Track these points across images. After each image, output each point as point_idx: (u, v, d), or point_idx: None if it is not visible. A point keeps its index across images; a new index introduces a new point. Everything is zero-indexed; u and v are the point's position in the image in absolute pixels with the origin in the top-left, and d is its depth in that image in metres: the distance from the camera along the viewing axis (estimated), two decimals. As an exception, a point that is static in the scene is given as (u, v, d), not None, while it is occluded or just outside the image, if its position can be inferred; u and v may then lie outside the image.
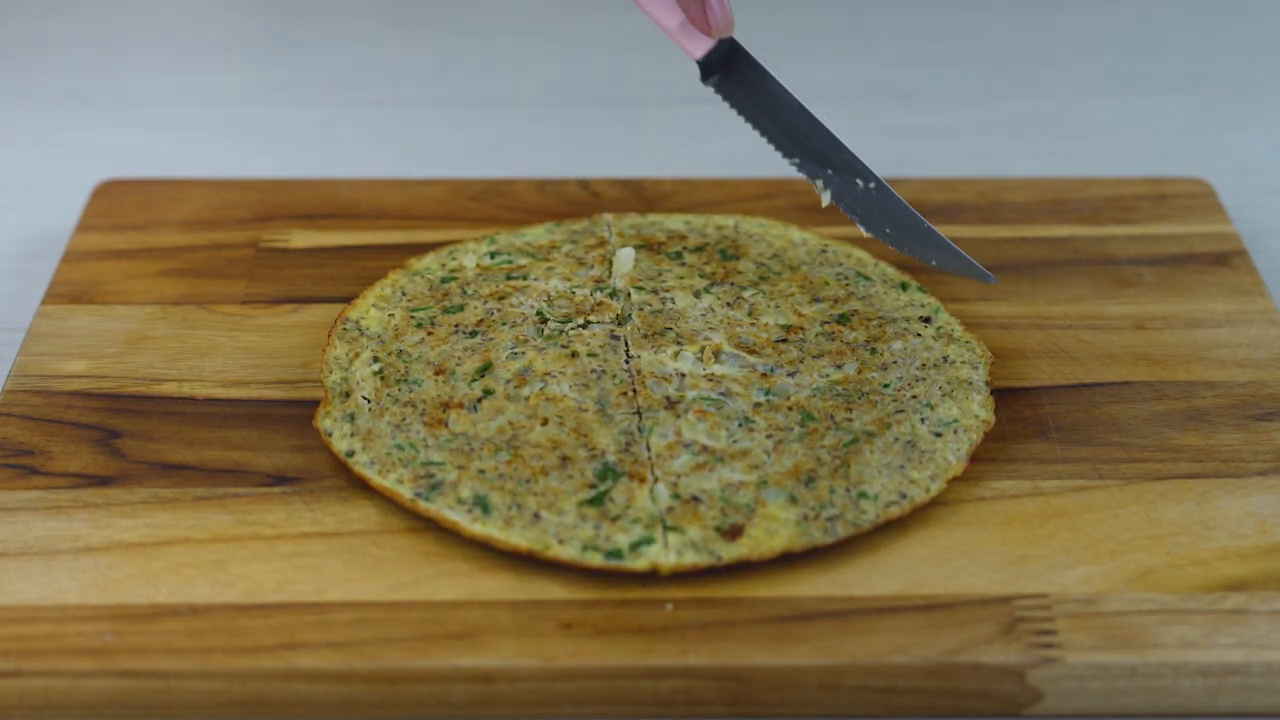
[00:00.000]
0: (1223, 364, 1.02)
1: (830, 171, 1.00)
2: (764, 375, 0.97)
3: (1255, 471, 0.94)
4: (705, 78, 1.00)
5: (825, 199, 1.01)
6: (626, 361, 0.98)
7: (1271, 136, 1.31)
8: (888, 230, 1.01)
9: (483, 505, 0.89)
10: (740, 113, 1.00)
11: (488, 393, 0.95)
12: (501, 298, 1.03)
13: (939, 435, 0.93)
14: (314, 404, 0.97)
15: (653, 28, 1.43)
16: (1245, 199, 1.21)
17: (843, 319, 1.02)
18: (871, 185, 1.00)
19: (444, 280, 1.05)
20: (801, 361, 0.98)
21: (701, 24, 0.97)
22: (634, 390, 0.96)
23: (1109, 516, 0.91)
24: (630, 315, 1.01)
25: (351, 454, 0.92)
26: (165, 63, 1.40)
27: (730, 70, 0.99)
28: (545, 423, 0.93)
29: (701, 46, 0.98)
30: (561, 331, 1.00)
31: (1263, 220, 1.19)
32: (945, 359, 0.99)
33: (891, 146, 1.30)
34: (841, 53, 1.41)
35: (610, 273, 1.05)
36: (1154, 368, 1.01)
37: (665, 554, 0.86)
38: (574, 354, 0.98)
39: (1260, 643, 0.84)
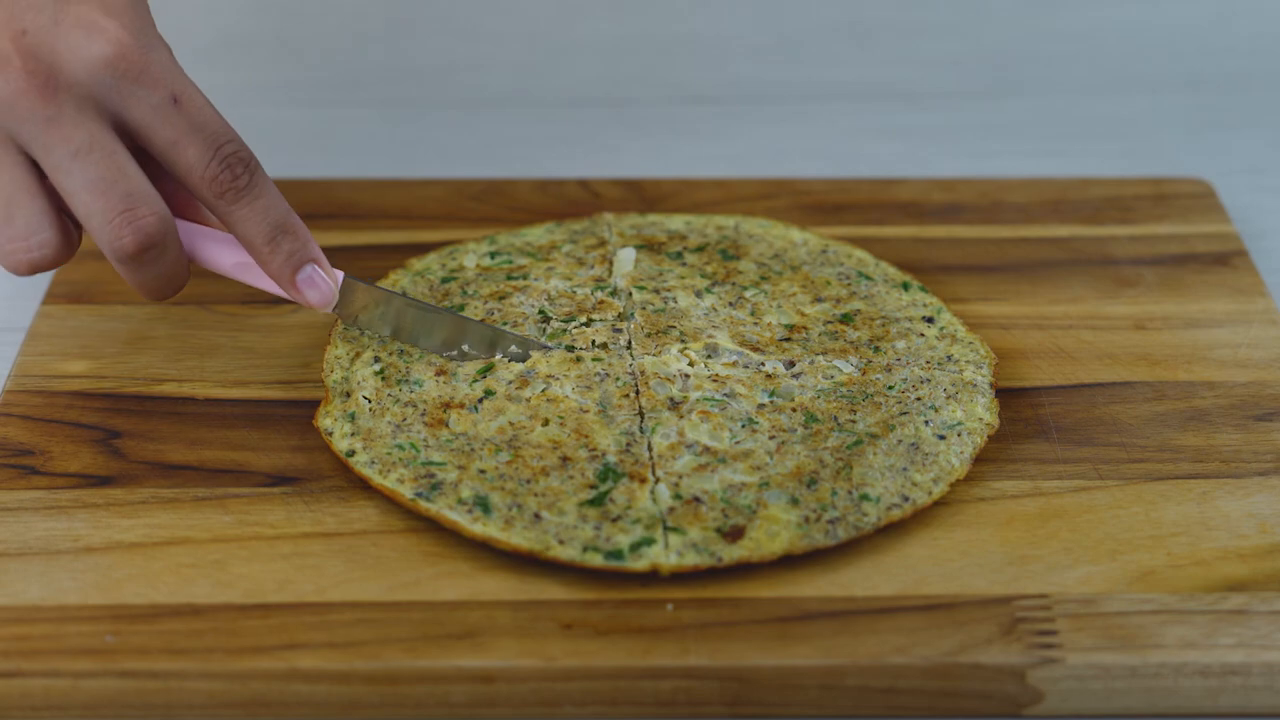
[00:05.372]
0: (1223, 364, 1.02)
1: (499, 355, 0.98)
2: (768, 376, 0.97)
3: (1255, 471, 0.94)
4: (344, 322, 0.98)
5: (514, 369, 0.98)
6: (630, 363, 0.98)
7: (1271, 136, 1.31)
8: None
9: (483, 505, 0.89)
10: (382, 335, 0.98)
11: (489, 393, 0.95)
12: (502, 298, 1.03)
13: (942, 438, 0.93)
14: (314, 404, 0.97)
15: (653, 28, 1.43)
16: (1245, 199, 1.21)
17: (845, 319, 1.02)
18: (530, 351, 0.98)
19: (444, 280, 1.05)
20: (807, 360, 0.98)
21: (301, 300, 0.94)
22: (636, 391, 0.96)
23: (1109, 517, 0.91)
24: (633, 314, 1.01)
25: (352, 454, 0.92)
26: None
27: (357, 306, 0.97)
28: (546, 423, 0.93)
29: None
30: (564, 330, 1.00)
31: (1263, 220, 1.19)
32: (949, 359, 0.99)
33: (891, 146, 1.30)
34: (841, 53, 1.41)
35: (611, 273, 1.05)
36: (1154, 368, 1.01)
37: (666, 555, 0.86)
38: (578, 358, 0.98)
39: (1260, 643, 0.84)
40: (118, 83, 0.88)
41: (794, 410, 0.95)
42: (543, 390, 0.95)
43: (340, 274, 0.95)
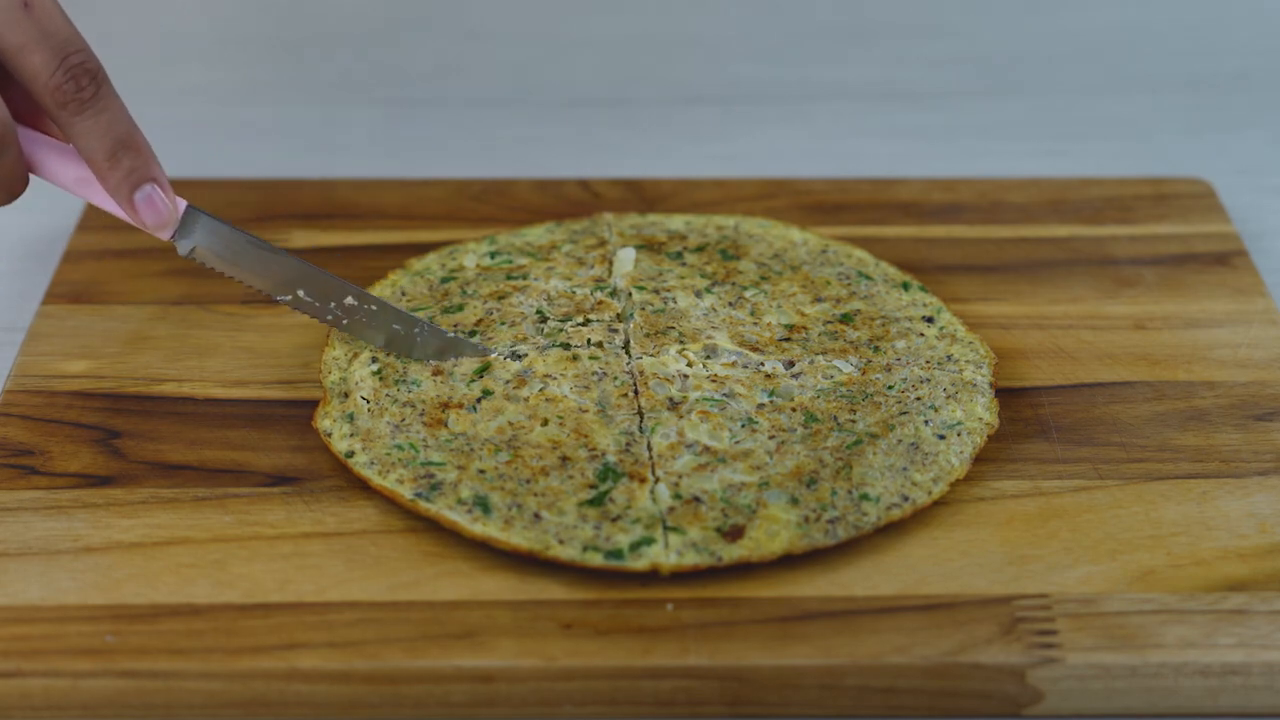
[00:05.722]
0: (1223, 364, 1.02)
1: (333, 303, 0.97)
2: (768, 376, 0.97)
3: (1255, 471, 0.94)
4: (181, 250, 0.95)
5: (340, 328, 0.97)
6: (628, 362, 0.98)
7: (1271, 136, 1.31)
8: (395, 329, 0.98)
9: (483, 505, 0.89)
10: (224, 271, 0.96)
11: (487, 393, 0.95)
12: (501, 297, 1.03)
13: (942, 438, 0.93)
14: (314, 404, 0.97)
15: (653, 28, 1.43)
16: (1245, 199, 1.21)
17: (845, 318, 1.02)
18: (367, 305, 0.97)
19: (444, 280, 1.05)
20: (807, 360, 0.98)
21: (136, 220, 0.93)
22: (635, 391, 0.96)
23: (1109, 516, 0.91)
24: (632, 314, 1.01)
25: (351, 454, 0.92)
26: (165, 63, 1.39)
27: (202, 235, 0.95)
28: (545, 423, 0.93)
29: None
30: (562, 330, 1.00)
31: (1263, 220, 1.19)
32: (949, 358, 0.99)
33: (891, 146, 1.30)
34: (841, 53, 1.41)
35: (610, 273, 1.05)
36: (1154, 368, 1.01)
37: (666, 554, 0.86)
38: (575, 356, 0.98)
39: (1260, 643, 0.84)
40: None
41: (794, 410, 0.95)
42: (541, 390, 0.95)
43: (183, 202, 0.93)
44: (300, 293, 0.96)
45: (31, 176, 0.92)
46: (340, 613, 0.85)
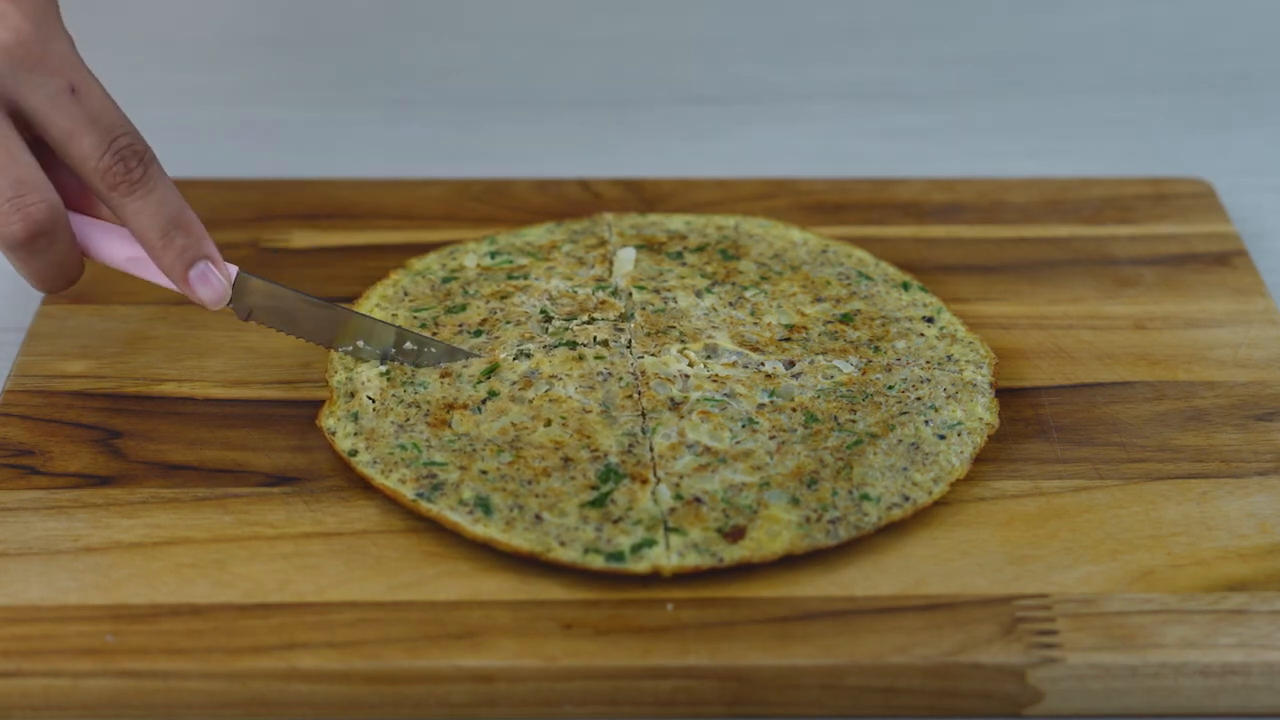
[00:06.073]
0: (1223, 364, 1.02)
1: (390, 349, 0.97)
2: (768, 376, 0.97)
3: (1255, 471, 0.94)
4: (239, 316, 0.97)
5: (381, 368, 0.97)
6: (633, 362, 0.98)
7: (1271, 136, 1.31)
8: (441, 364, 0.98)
9: (484, 506, 0.89)
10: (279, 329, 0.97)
11: (493, 394, 0.95)
12: (503, 297, 1.03)
13: (943, 438, 0.93)
14: (315, 404, 0.97)
15: (653, 28, 1.43)
16: (1245, 199, 1.21)
17: (845, 318, 1.02)
18: (427, 348, 0.97)
19: (445, 280, 1.05)
20: (807, 360, 0.98)
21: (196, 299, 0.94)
22: (638, 392, 0.96)
23: (1109, 516, 0.91)
24: (633, 314, 1.01)
25: (354, 453, 0.92)
26: (165, 63, 1.39)
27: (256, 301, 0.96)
28: (548, 424, 0.93)
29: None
30: (567, 328, 1.00)
31: (1263, 220, 1.19)
32: (949, 358, 0.99)
33: (891, 146, 1.30)
34: (841, 53, 1.41)
35: (611, 272, 1.05)
36: (1154, 368, 1.01)
37: (667, 555, 0.86)
38: (581, 356, 0.98)
39: (1260, 643, 0.84)
40: (14, 71, 0.88)
41: (794, 410, 0.95)
42: (546, 391, 0.95)
43: (234, 269, 0.94)
44: (360, 343, 0.97)
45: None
46: (340, 613, 0.85)
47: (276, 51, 1.41)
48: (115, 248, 0.93)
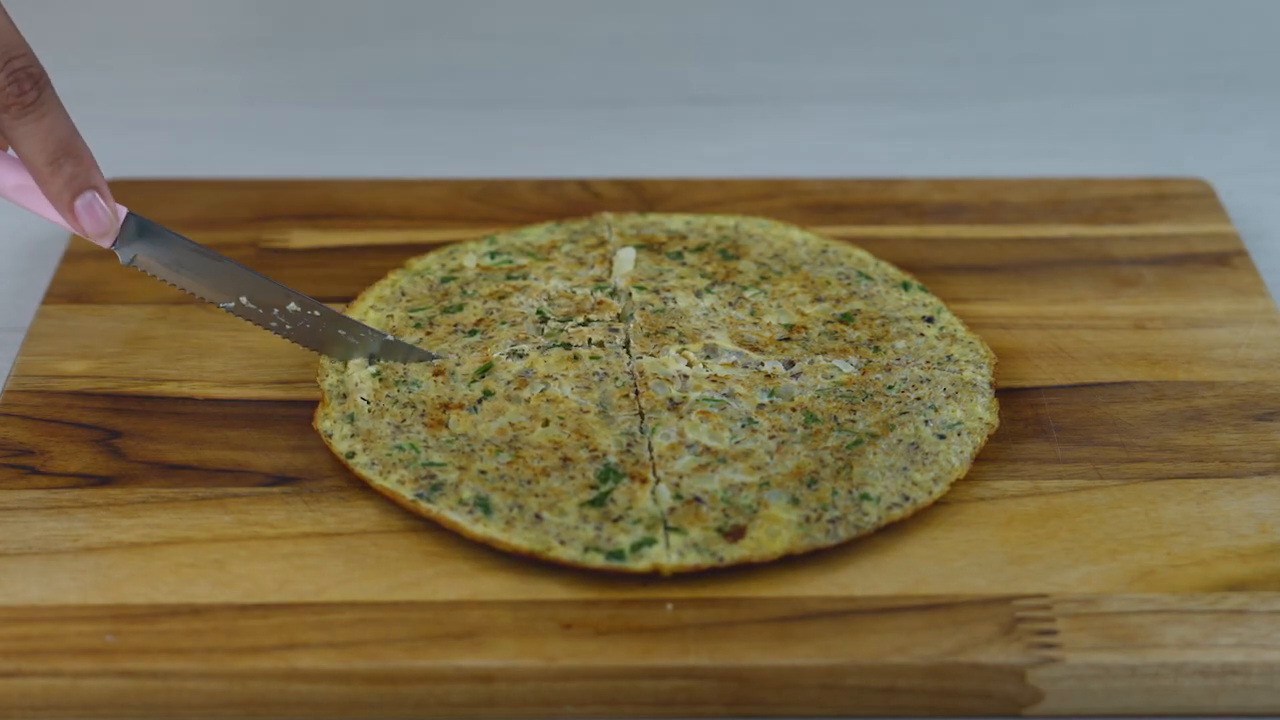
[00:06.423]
0: (1223, 364, 1.02)
1: (276, 309, 0.96)
2: (768, 376, 0.97)
3: (1255, 471, 0.94)
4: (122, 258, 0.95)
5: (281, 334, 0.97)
6: (629, 362, 0.98)
7: (1271, 136, 1.32)
8: (340, 335, 0.97)
9: (484, 506, 0.89)
10: (163, 277, 0.95)
11: (488, 394, 0.95)
12: (501, 297, 1.03)
13: (943, 438, 0.93)
14: (314, 404, 0.97)
15: (653, 28, 1.43)
16: (1245, 199, 1.21)
17: (845, 318, 1.02)
18: (311, 311, 0.96)
19: (444, 280, 1.05)
20: (807, 360, 0.98)
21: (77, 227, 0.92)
22: (636, 392, 0.96)
23: (1109, 516, 0.91)
24: (632, 314, 1.01)
25: (352, 455, 0.92)
26: (165, 63, 1.40)
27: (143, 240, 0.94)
28: (546, 423, 0.93)
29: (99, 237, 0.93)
30: (562, 329, 1.00)
31: (1263, 220, 1.19)
32: (949, 358, 0.99)
33: (891, 146, 1.30)
34: (841, 53, 1.41)
35: (610, 273, 1.05)
36: (1154, 368, 1.01)
37: (667, 555, 0.86)
38: (575, 356, 0.98)
39: (1260, 643, 0.84)
40: None
41: (794, 410, 0.95)
42: (542, 390, 0.95)
43: (123, 209, 0.93)
44: (243, 299, 0.96)
45: None
46: (340, 613, 0.85)
47: (276, 51, 1.42)
48: (3, 175, 0.91)
